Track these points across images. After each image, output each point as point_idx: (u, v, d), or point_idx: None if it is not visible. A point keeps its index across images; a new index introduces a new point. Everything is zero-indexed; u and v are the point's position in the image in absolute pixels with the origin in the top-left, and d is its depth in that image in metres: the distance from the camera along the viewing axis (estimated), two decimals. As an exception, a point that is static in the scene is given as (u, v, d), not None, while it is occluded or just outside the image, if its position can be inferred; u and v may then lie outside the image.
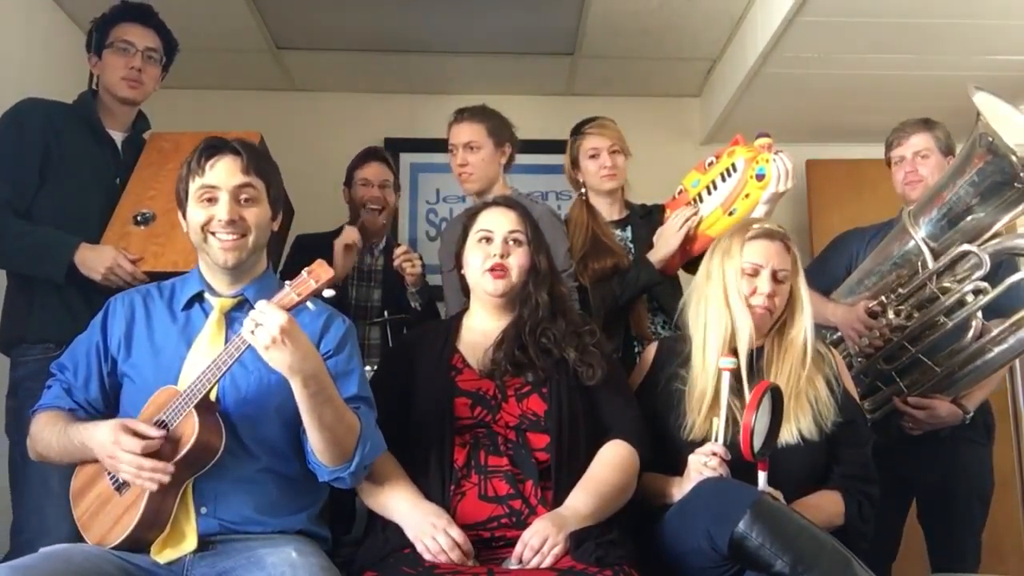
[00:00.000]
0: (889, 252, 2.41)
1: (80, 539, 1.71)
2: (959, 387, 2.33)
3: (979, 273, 2.19)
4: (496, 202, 2.01)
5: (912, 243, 2.33)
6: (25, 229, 2.10)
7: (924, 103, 3.47)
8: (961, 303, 2.24)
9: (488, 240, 1.91)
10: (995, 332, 2.23)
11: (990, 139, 2.10)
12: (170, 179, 2.19)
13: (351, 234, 2.62)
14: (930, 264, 2.28)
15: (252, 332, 1.44)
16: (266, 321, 1.44)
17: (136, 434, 1.51)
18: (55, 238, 2.10)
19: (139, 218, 2.17)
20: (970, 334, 2.26)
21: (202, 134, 2.31)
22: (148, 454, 1.50)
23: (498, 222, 1.93)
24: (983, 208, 2.21)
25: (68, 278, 2.08)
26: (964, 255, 2.22)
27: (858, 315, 2.35)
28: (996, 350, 2.25)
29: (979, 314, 2.24)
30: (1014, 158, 2.08)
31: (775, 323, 1.92)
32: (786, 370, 1.87)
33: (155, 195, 2.21)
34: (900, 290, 2.34)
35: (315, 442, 1.56)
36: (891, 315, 2.33)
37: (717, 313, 1.88)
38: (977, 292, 2.22)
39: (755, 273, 1.88)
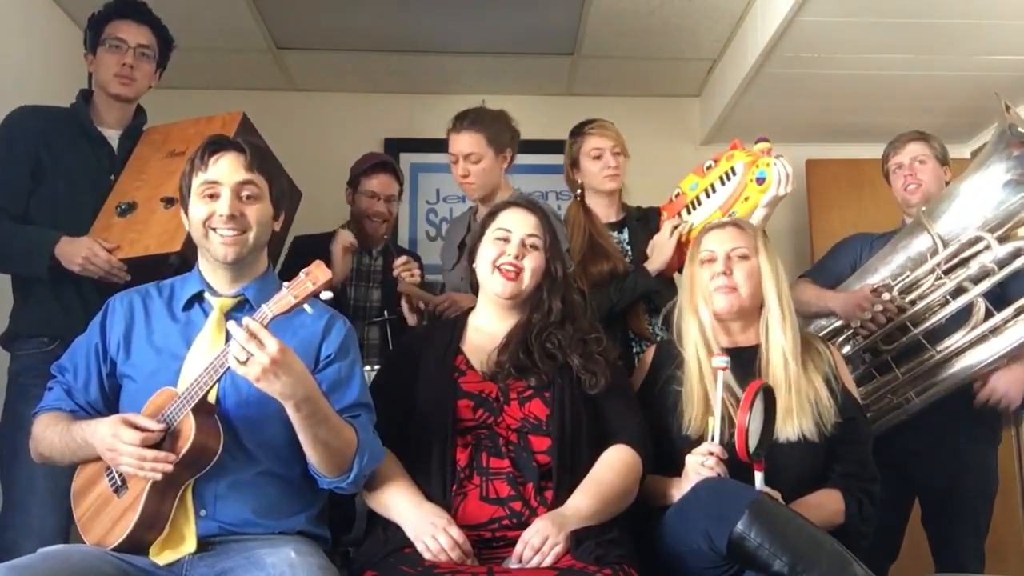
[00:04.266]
0: (901, 247, 2.42)
1: (67, 537, 1.71)
2: (954, 377, 2.32)
3: (989, 256, 2.19)
4: (519, 203, 1.99)
5: (925, 238, 2.33)
6: (12, 231, 2.13)
7: (924, 103, 3.49)
8: (964, 289, 2.24)
9: (505, 240, 1.90)
10: (996, 319, 2.23)
11: (1021, 129, 2.11)
12: (157, 167, 2.23)
13: (347, 237, 2.62)
14: (941, 252, 2.29)
15: (244, 363, 1.43)
16: (256, 353, 1.43)
17: (136, 427, 1.51)
18: (38, 235, 2.13)
19: (121, 208, 2.18)
20: (972, 320, 2.26)
21: (189, 121, 2.34)
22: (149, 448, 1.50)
23: (518, 223, 1.92)
24: (1000, 202, 2.22)
25: (56, 273, 2.10)
26: (975, 242, 2.22)
27: (863, 294, 2.37)
28: (994, 340, 2.25)
29: (981, 301, 2.23)
30: None
31: (762, 316, 1.93)
32: (780, 362, 1.87)
33: (140, 185, 2.23)
34: (908, 273, 2.35)
35: (311, 457, 1.57)
36: (896, 294, 2.33)
37: (690, 314, 1.94)
38: (981, 279, 2.22)
39: (711, 260, 1.95)
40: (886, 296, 2.34)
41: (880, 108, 3.57)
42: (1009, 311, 2.23)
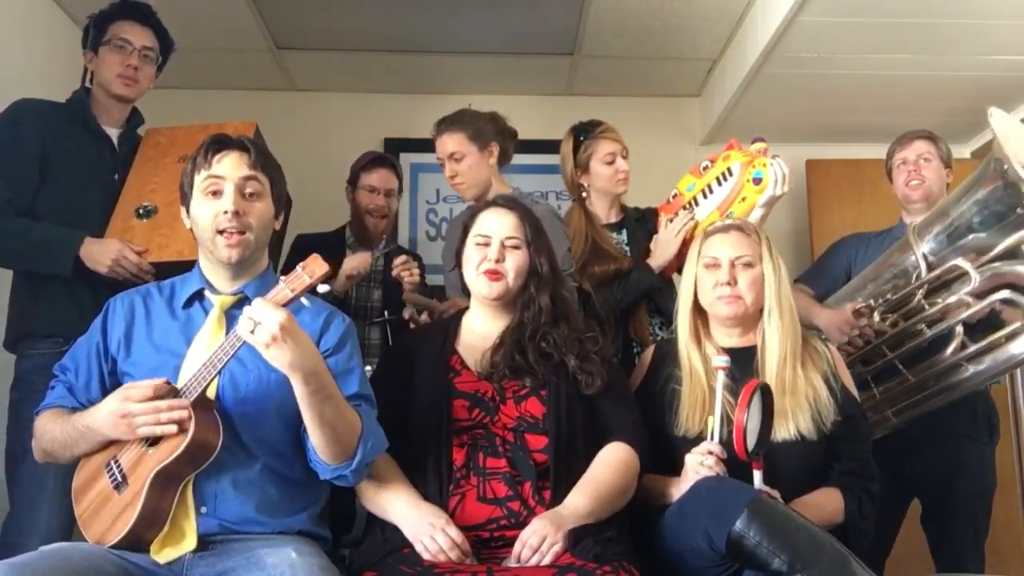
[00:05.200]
0: (889, 263, 2.42)
1: (72, 537, 1.71)
2: (931, 401, 2.32)
3: (967, 288, 2.18)
4: (497, 203, 1.99)
5: (912, 257, 2.33)
6: (27, 227, 2.11)
7: (924, 103, 3.49)
8: (944, 315, 2.24)
9: (485, 244, 1.90)
10: (971, 350, 2.22)
11: (1005, 167, 2.11)
12: (169, 172, 2.22)
13: (362, 262, 2.54)
14: (924, 275, 2.29)
15: (252, 332, 1.44)
16: (265, 319, 1.43)
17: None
18: (59, 234, 2.11)
19: (141, 211, 2.19)
20: (949, 349, 2.25)
21: (198, 127, 2.34)
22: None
23: (496, 225, 1.92)
24: (985, 229, 2.22)
25: (74, 272, 2.09)
26: (954, 270, 2.22)
27: (844, 316, 2.38)
28: (971, 369, 2.23)
29: (960, 329, 2.23)
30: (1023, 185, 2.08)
31: (761, 318, 1.93)
32: (778, 364, 1.88)
33: (155, 188, 2.22)
34: (890, 296, 2.35)
35: (316, 440, 1.56)
36: (876, 318, 2.34)
37: (688, 315, 1.96)
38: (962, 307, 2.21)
39: (715, 266, 1.93)
40: (863, 321, 2.35)
41: (880, 108, 3.57)
42: (983, 344, 2.21)
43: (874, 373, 2.37)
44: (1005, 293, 2.16)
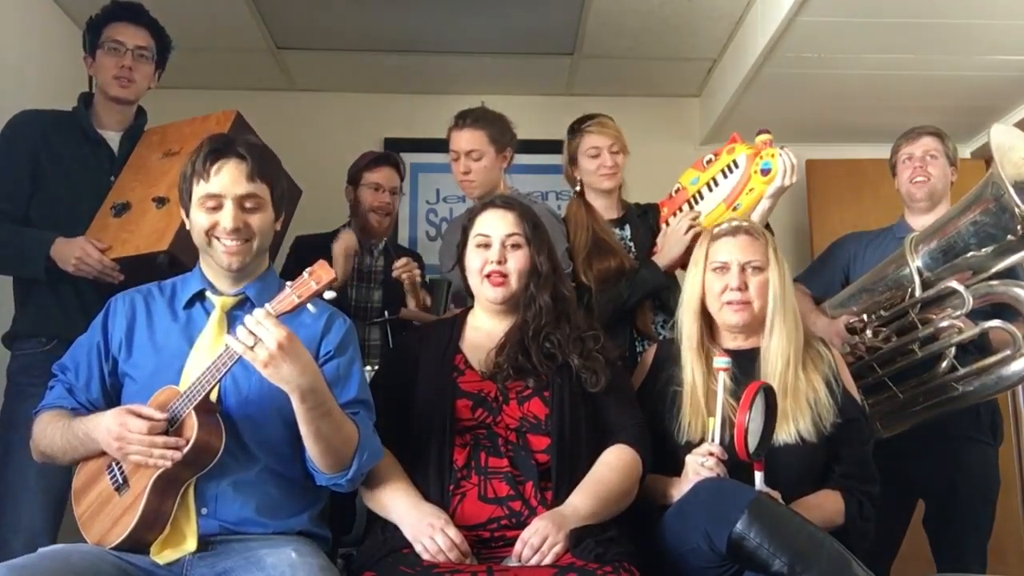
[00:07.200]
0: (885, 274, 2.41)
1: (54, 537, 1.71)
2: (919, 416, 2.32)
3: (961, 311, 2.17)
4: (494, 203, 1.98)
5: (907, 270, 2.32)
6: (10, 232, 2.16)
7: (924, 103, 3.49)
8: (936, 337, 2.23)
9: (486, 246, 1.90)
10: (961, 372, 2.21)
11: (1001, 192, 2.11)
12: (152, 168, 2.25)
13: (348, 239, 2.61)
14: (917, 293, 2.28)
15: (251, 348, 1.43)
16: (265, 337, 1.43)
17: (141, 417, 1.51)
18: (33, 237, 2.15)
19: (115, 209, 2.20)
20: (939, 369, 2.25)
21: (184, 122, 2.35)
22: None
23: (496, 225, 1.91)
24: (980, 249, 2.21)
25: (53, 273, 2.12)
26: (949, 291, 2.21)
27: (837, 329, 2.38)
28: (961, 389, 2.23)
29: (951, 351, 2.22)
30: (1017, 211, 2.08)
31: (766, 322, 1.92)
32: (780, 368, 1.87)
33: (135, 186, 2.24)
34: (883, 312, 2.35)
35: (312, 451, 1.57)
36: (869, 333, 2.34)
37: (693, 316, 1.93)
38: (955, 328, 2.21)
39: (724, 271, 1.91)
40: (855, 339, 2.35)
41: (880, 108, 3.57)
42: (973, 367, 2.21)
43: (864, 387, 2.35)
44: (996, 322, 2.16)
